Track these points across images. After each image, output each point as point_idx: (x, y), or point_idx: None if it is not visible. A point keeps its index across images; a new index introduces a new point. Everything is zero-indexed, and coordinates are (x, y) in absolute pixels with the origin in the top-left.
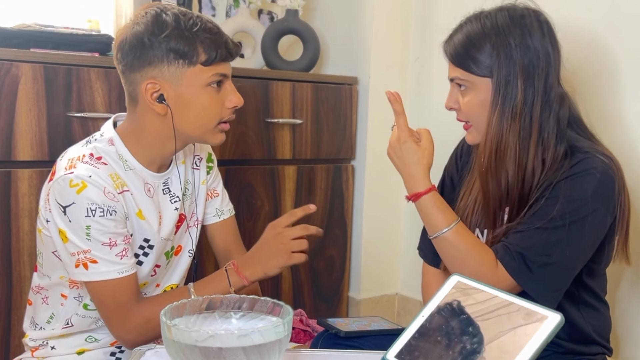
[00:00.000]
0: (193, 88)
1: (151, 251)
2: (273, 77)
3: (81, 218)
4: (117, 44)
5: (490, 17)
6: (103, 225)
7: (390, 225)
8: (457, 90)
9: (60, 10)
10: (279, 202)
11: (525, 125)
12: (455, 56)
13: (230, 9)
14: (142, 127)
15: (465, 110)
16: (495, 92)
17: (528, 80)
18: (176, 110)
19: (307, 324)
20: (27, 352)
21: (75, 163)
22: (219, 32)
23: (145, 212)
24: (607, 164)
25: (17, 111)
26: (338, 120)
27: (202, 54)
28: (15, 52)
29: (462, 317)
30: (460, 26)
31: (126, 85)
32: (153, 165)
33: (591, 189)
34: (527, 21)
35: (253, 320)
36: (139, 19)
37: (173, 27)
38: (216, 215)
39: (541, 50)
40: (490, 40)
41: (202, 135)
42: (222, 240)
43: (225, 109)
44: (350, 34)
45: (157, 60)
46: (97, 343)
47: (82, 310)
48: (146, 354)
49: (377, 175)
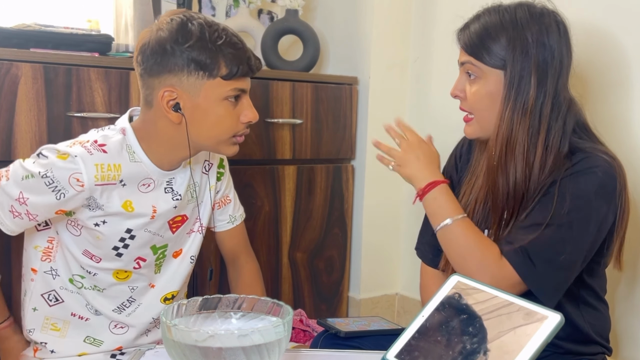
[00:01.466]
0: (210, 100)
1: (132, 242)
2: (273, 77)
3: (35, 166)
4: (139, 46)
5: (509, 11)
6: (37, 188)
7: (390, 225)
8: (465, 79)
9: (60, 10)
10: (279, 202)
11: (534, 123)
12: (469, 44)
13: (230, 9)
14: (154, 131)
15: (471, 100)
16: (508, 85)
17: (541, 78)
18: (191, 121)
19: (307, 324)
20: (30, 350)
21: (75, 144)
22: (243, 48)
23: (135, 204)
24: (610, 163)
25: (17, 111)
26: (338, 120)
27: (224, 67)
28: (15, 52)
29: (462, 317)
30: (478, 16)
31: (143, 88)
32: (162, 163)
33: (594, 186)
34: (545, 19)
35: (253, 320)
36: (163, 25)
37: (197, 38)
38: (229, 222)
39: (556, 50)
40: (507, 33)
41: (215, 146)
42: (232, 244)
43: (240, 123)
44: (350, 34)
45: (178, 68)
46: (97, 347)
47: (70, 285)
48: (146, 354)
49: (377, 175)
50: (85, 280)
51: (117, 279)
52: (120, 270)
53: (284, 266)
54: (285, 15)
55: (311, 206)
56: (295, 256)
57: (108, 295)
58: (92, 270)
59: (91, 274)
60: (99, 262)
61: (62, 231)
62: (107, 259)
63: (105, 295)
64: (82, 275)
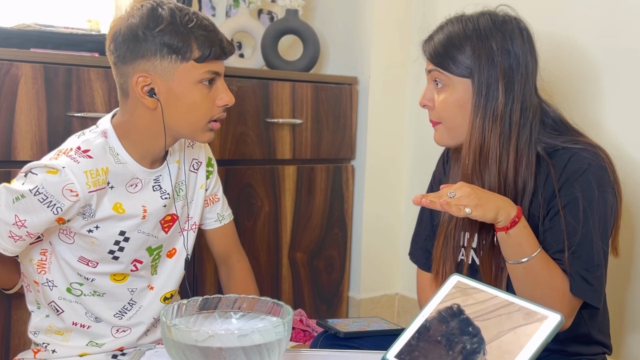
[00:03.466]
0: (184, 84)
1: (127, 244)
2: (273, 77)
3: (26, 185)
4: (110, 35)
5: (472, 20)
6: (31, 207)
7: (390, 225)
8: (432, 88)
9: (60, 10)
10: (279, 202)
11: (504, 129)
12: (434, 55)
13: (230, 8)
14: (133, 121)
15: (439, 108)
16: (477, 94)
17: (509, 84)
18: (166, 105)
19: (307, 324)
20: (29, 352)
21: (60, 155)
22: (214, 30)
23: (125, 205)
24: (594, 153)
25: (17, 111)
26: (338, 120)
27: (196, 50)
28: (15, 52)
29: (462, 317)
30: (441, 27)
31: (117, 77)
32: (145, 160)
33: (592, 183)
34: (508, 26)
35: (253, 320)
36: (134, 11)
37: (168, 22)
38: (217, 221)
39: (521, 57)
40: (471, 42)
41: (192, 133)
42: (222, 244)
43: (216, 107)
44: (350, 34)
45: (150, 53)
46: (99, 348)
47: (68, 294)
48: (146, 353)
49: (377, 175)
50: (84, 287)
51: (115, 281)
52: (117, 272)
53: (284, 266)
54: (285, 15)
55: (311, 206)
56: (295, 256)
57: (108, 299)
58: (89, 276)
59: (89, 280)
60: (95, 266)
61: (55, 241)
62: (104, 262)
63: (105, 299)
64: (80, 283)
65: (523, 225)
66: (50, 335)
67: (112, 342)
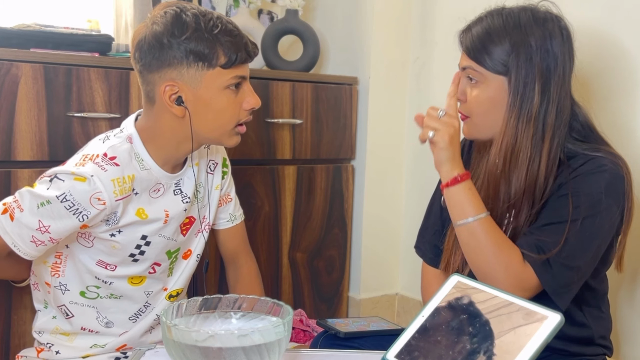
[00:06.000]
0: (212, 90)
1: (147, 248)
2: (273, 77)
3: (51, 190)
4: (135, 43)
5: (513, 15)
6: (57, 214)
7: (390, 225)
8: (465, 82)
9: (60, 10)
10: (278, 202)
11: (538, 131)
12: (471, 48)
13: (230, 9)
14: (158, 127)
15: (471, 104)
16: (513, 92)
17: (545, 85)
18: (194, 112)
19: (307, 324)
20: (32, 350)
21: (86, 162)
22: (239, 34)
23: (148, 211)
24: (616, 163)
25: (17, 111)
26: (338, 120)
27: (222, 56)
28: (15, 52)
29: (462, 316)
30: (480, 19)
31: (143, 85)
32: (167, 165)
33: (604, 185)
34: (549, 25)
35: (253, 320)
36: (158, 19)
37: (193, 29)
38: (229, 221)
39: (559, 57)
40: (510, 38)
41: (219, 137)
42: (232, 244)
43: (243, 110)
44: (350, 34)
45: (177, 62)
46: (102, 348)
47: (81, 298)
48: (146, 354)
49: (377, 175)
50: (100, 290)
51: (132, 284)
52: (135, 275)
53: (284, 266)
54: (285, 15)
55: (311, 206)
56: (295, 256)
57: (125, 301)
58: (107, 279)
59: (107, 284)
60: (114, 269)
61: (72, 245)
62: (123, 265)
63: (122, 302)
64: (97, 286)
65: (468, 187)
66: (55, 336)
67: (115, 340)
